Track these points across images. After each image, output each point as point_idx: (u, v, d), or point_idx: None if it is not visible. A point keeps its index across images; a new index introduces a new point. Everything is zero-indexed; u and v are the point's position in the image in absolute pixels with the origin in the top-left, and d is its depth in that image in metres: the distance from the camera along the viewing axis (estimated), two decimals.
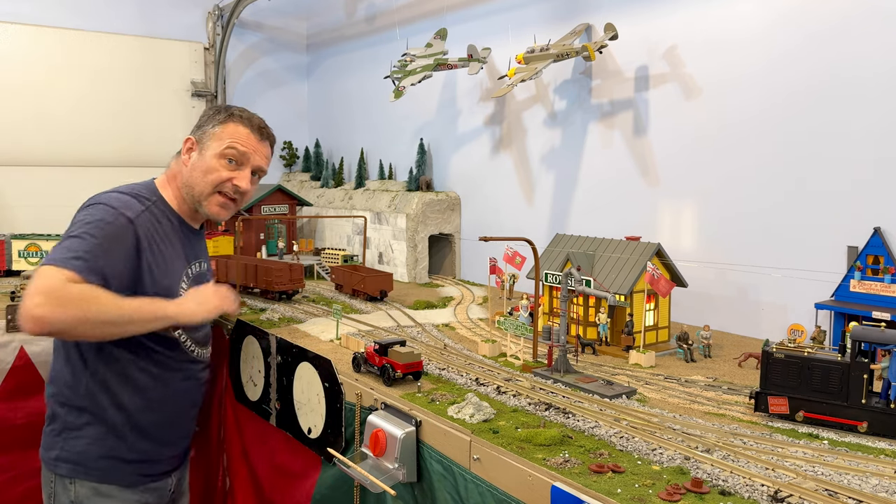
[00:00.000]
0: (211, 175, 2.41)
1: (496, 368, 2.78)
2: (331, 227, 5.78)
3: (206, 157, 2.41)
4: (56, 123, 5.73)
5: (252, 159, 2.47)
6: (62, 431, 2.38)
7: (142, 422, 2.42)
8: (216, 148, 2.41)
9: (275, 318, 3.64)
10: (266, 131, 2.55)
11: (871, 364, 2.04)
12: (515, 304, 3.69)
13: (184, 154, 2.48)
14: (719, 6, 3.45)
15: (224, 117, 2.46)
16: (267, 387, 3.12)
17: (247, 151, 2.45)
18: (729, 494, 1.69)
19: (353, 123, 6.37)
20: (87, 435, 2.36)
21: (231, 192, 2.45)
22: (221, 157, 2.41)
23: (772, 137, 3.27)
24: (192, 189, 2.43)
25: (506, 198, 4.72)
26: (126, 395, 2.37)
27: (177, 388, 2.52)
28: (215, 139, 2.42)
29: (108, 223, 2.18)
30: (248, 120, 2.49)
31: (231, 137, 2.42)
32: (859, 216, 2.95)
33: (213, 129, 2.44)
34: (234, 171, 2.44)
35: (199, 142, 2.45)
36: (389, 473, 2.26)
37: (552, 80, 4.32)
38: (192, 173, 2.43)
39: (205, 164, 2.41)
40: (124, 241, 2.20)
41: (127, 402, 2.38)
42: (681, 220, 3.69)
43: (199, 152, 2.44)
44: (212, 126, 2.45)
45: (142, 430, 2.43)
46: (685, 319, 3.37)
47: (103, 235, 2.15)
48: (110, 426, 2.38)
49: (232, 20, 6.29)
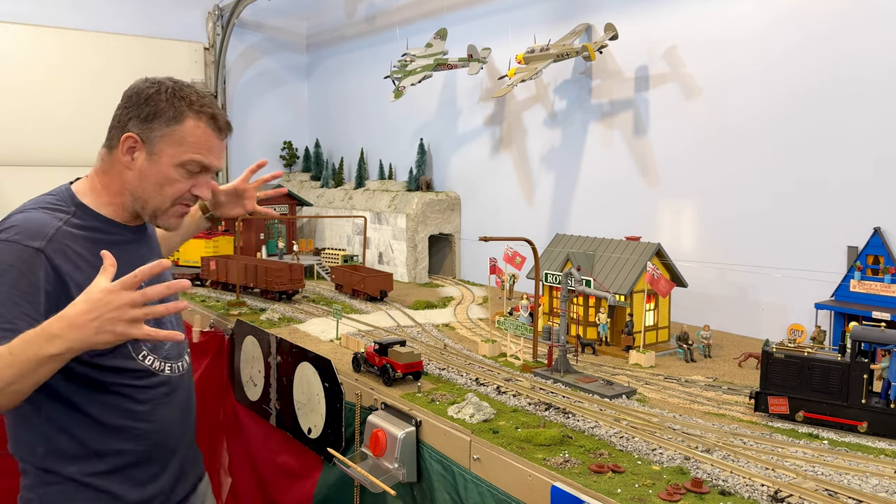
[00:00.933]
0: (169, 188, 1.99)
1: (496, 368, 2.78)
2: (331, 227, 5.78)
3: (161, 167, 1.96)
4: (56, 123, 5.74)
5: (213, 165, 2.05)
6: (34, 487, 1.95)
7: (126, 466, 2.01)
8: (174, 156, 1.96)
9: (275, 318, 3.64)
10: (228, 126, 2.09)
11: (871, 364, 2.04)
12: (515, 304, 3.69)
13: (123, 154, 1.95)
14: (719, 6, 3.45)
15: (178, 112, 1.95)
16: (267, 387, 3.12)
17: (210, 162, 2.02)
18: (729, 494, 1.69)
19: (353, 123, 6.37)
20: (65, 491, 1.94)
21: (191, 201, 2.07)
22: (180, 167, 1.97)
23: (772, 137, 3.27)
24: (145, 202, 2.00)
25: (506, 198, 4.72)
26: (97, 440, 1.95)
27: (161, 416, 2.07)
28: (171, 143, 1.95)
29: (7, 265, 1.75)
30: (210, 117, 2.00)
31: (192, 144, 1.97)
32: (859, 216, 2.95)
33: (167, 129, 1.95)
34: (194, 179, 2.02)
35: (147, 141, 1.94)
36: (389, 473, 2.26)
37: (552, 80, 4.32)
38: (142, 183, 1.97)
39: (159, 175, 1.97)
40: (32, 280, 1.76)
41: (101, 449, 1.96)
42: (681, 220, 3.69)
43: (147, 156, 1.95)
44: (165, 124, 1.94)
45: (130, 476, 2.02)
46: (685, 319, 3.37)
47: (5, 283, 1.73)
48: (89, 482, 1.95)
49: (232, 20, 6.29)
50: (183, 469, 2.21)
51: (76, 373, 1.86)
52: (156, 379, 2.05)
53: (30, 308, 1.74)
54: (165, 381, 2.09)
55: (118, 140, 1.96)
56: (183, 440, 2.21)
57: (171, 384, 2.11)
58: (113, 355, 1.92)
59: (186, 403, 2.22)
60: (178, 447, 2.17)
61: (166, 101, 1.95)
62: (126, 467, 2.00)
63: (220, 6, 6.42)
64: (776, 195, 3.27)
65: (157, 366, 2.06)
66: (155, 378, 2.05)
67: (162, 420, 2.07)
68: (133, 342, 1.96)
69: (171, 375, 2.11)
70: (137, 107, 1.95)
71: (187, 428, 2.25)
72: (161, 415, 2.07)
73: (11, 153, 5.61)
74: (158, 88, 1.96)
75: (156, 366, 2.05)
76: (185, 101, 1.96)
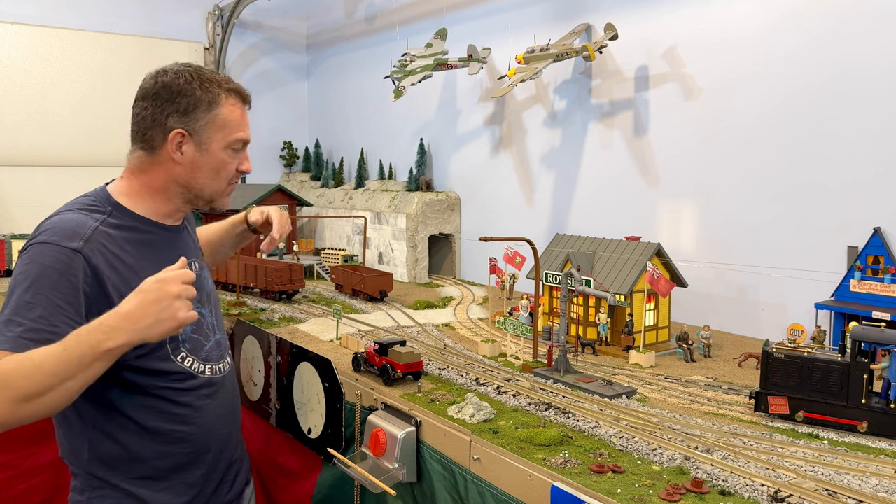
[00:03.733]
0: (223, 172, 2.05)
1: (496, 368, 2.78)
2: (331, 227, 5.77)
3: (213, 153, 2.00)
4: (56, 123, 5.74)
5: (249, 137, 2.12)
6: (83, 491, 1.98)
7: (169, 470, 2.00)
8: (222, 140, 2.00)
9: (275, 318, 3.64)
10: (250, 99, 2.13)
11: (871, 364, 2.04)
12: (515, 304, 3.69)
13: (172, 151, 1.97)
14: (719, 6, 3.45)
15: (215, 97, 1.99)
16: (267, 387, 3.12)
17: (249, 136, 2.10)
18: (729, 494, 1.69)
19: (353, 123, 6.37)
20: (110, 496, 1.96)
21: (238, 178, 2.13)
22: (228, 148, 2.03)
23: (772, 137, 3.27)
24: (202, 189, 2.04)
25: (506, 198, 4.72)
26: (139, 443, 1.95)
27: (203, 419, 2.05)
28: (216, 128, 1.99)
29: (46, 267, 1.75)
30: (237, 93, 2.06)
31: (234, 123, 2.02)
32: (859, 216, 2.95)
33: (209, 115, 1.98)
34: (238, 157, 2.09)
35: (193, 133, 1.97)
36: (389, 473, 2.26)
37: (552, 80, 4.32)
38: (196, 174, 2.01)
39: (214, 161, 2.01)
40: (72, 282, 1.76)
41: (143, 453, 1.96)
42: (681, 220, 3.69)
43: (196, 146, 1.98)
44: (206, 111, 1.98)
45: (174, 480, 2.02)
46: (685, 319, 3.36)
47: (45, 287, 1.73)
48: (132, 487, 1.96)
49: (232, 20, 6.29)
50: (228, 473, 2.18)
51: (116, 377, 1.85)
52: (196, 381, 2.03)
53: (70, 310, 1.74)
54: (206, 383, 2.06)
55: (161, 139, 1.96)
56: (228, 443, 2.18)
57: (213, 386, 2.09)
58: (151, 357, 1.91)
59: (231, 405, 2.19)
60: (224, 450, 2.15)
61: (200, 88, 1.96)
62: (169, 471, 1.99)
63: (220, 6, 6.42)
64: (776, 195, 3.27)
65: (197, 367, 2.04)
66: (195, 380, 2.03)
67: (204, 423, 2.05)
68: (173, 344, 1.97)
69: (213, 377, 2.09)
70: (172, 101, 1.95)
71: (233, 430, 2.22)
72: (203, 417, 2.04)
73: (11, 153, 5.61)
74: (187, 78, 1.97)
75: (195, 367, 2.03)
76: (215, 84, 1.99)
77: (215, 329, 2.16)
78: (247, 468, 2.36)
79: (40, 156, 5.70)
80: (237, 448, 2.27)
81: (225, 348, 2.22)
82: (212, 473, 2.10)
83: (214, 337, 2.14)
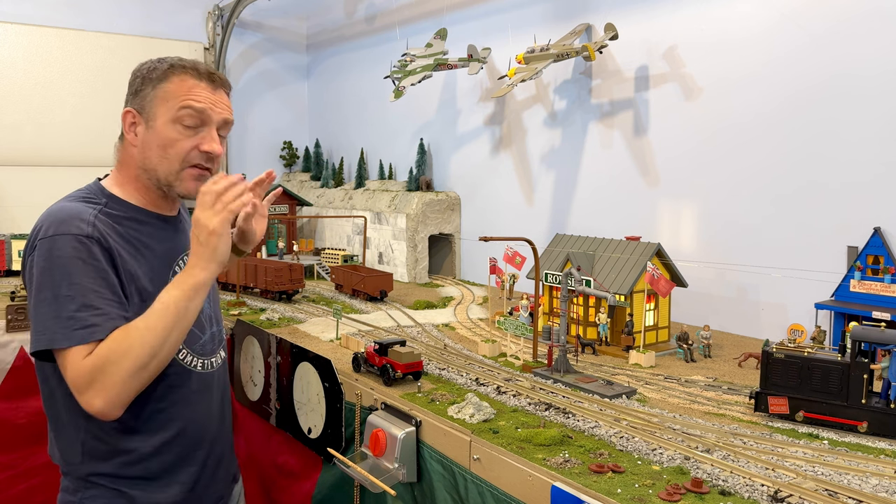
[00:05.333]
0: (171, 149, 1.92)
1: (496, 368, 2.78)
2: (331, 227, 5.77)
3: (158, 128, 1.91)
4: (56, 123, 5.74)
5: (213, 114, 1.95)
6: (75, 491, 1.96)
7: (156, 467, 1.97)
8: (166, 113, 1.90)
9: (275, 318, 3.64)
10: (217, 76, 2.01)
11: (871, 364, 2.04)
12: (515, 304, 3.69)
13: (127, 133, 1.95)
14: (719, 6, 3.45)
15: (162, 72, 1.92)
16: (267, 387, 3.12)
17: (204, 107, 1.92)
18: (729, 494, 1.69)
19: (353, 123, 6.37)
20: (100, 494, 1.93)
21: (203, 160, 1.96)
22: (176, 123, 1.91)
23: (772, 137, 3.27)
24: (155, 171, 1.94)
25: (506, 198, 4.72)
26: (124, 440, 1.93)
27: (190, 414, 2.02)
28: (160, 101, 1.91)
29: (68, 259, 1.76)
30: (192, 69, 1.96)
31: (180, 95, 1.92)
32: (859, 216, 2.95)
33: (154, 91, 1.91)
34: (197, 136, 1.94)
35: (142, 111, 1.92)
36: (389, 473, 2.26)
37: (552, 80, 4.32)
38: (146, 152, 1.93)
39: (159, 137, 1.91)
40: (96, 265, 1.79)
41: (128, 448, 1.94)
42: (681, 220, 3.69)
43: (144, 125, 1.92)
44: (151, 88, 1.92)
45: (160, 476, 1.98)
46: (685, 319, 3.37)
47: (76, 276, 1.75)
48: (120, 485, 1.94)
49: (232, 20, 6.29)
50: (217, 470, 2.14)
51: None
52: (187, 376, 2.01)
53: (108, 292, 1.78)
54: (198, 378, 2.04)
55: (122, 124, 1.98)
56: (218, 439, 2.14)
57: (204, 381, 2.06)
58: None
59: (220, 401, 2.16)
60: (214, 447, 2.12)
61: (149, 69, 1.95)
62: (160, 470, 1.97)
63: (220, 6, 6.42)
64: (776, 195, 3.27)
65: (190, 361, 2.02)
66: (187, 375, 2.01)
67: (195, 419, 2.03)
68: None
69: (203, 371, 2.06)
70: (130, 86, 1.98)
71: (222, 427, 2.18)
72: (190, 413, 2.02)
73: (11, 153, 5.61)
74: (144, 63, 1.98)
75: (188, 361, 2.01)
76: (167, 63, 1.95)
77: (213, 321, 2.14)
78: (236, 464, 2.33)
79: (40, 156, 5.70)
80: (227, 444, 2.24)
81: (219, 342, 2.18)
82: (203, 471, 2.07)
83: (210, 329, 2.12)
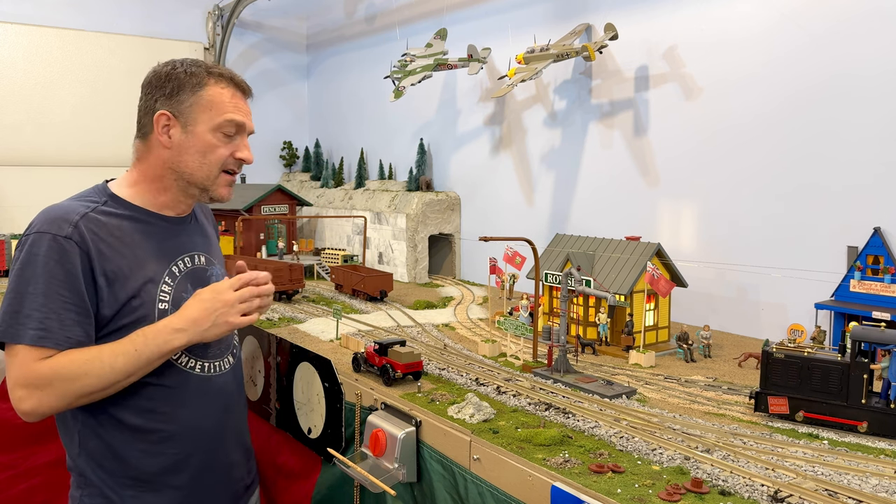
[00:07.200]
0: (212, 155, 1.99)
1: (496, 368, 2.78)
2: (331, 227, 5.77)
3: (199, 135, 1.97)
4: (56, 123, 5.74)
5: (248, 125, 2.07)
6: (79, 487, 1.99)
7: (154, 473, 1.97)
8: (208, 121, 1.98)
9: (275, 318, 3.64)
10: (247, 87, 2.12)
11: (871, 364, 2.04)
12: (515, 304, 3.69)
13: (159, 134, 1.98)
14: (719, 6, 3.45)
15: (201, 79, 1.99)
16: (267, 387, 3.12)
17: (244, 120, 2.04)
18: (729, 494, 1.69)
19: (353, 123, 6.37)
20: (100, 493, 1.95)
21: (236, 166, 2.07)
22: (217, 131, 1.99)
23: (772, 137, 3.27)
24: (192, 175, 2.01)
25: (506, 198, 4.72)
26: (123, 442, 1.93)
27: (191, 418, 2.01)
28: (202, 109, 1.97)
29: (42, 257, 1.79)
30: (229, 78, 2.04)
31: (222, 105, 2.00)
32: (859, 216, 2.95)
33: (194, 97, 1.98)
34: (232, 143, 2.03)
35: (179, 115, 1.97)
36: (389, 473, 2.26)
37: (552, 80, 4.32)
38: (183, 157, 1.98)
39: (199, 143, 1.98)
40: (72, 267, 1.81)
41: (127, 452, 1.94)
42: (681, 220, 3.69)
43: (182, 129, 1.97)
44: (190, 92, 1.98)
45: (160, 481, 1.98)
46: (685, 319, 3.36)
47: (44, 276, 1.78)
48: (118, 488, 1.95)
49: (232, 20, 6.29)
50: (217, 478, 2.10)
51: None
52: (186, 378, 1.99)
53: (72, 297, 1.81)
54: (199, 381, 2.02)
55: (150, 124, 1.99)
56: (219, 447, 2.09)
57: (206, 384, 2.05)
58: None
59: (222, 407, 2.11)
60: (211, 454, 2.07)
61: (185, 72, 1.99)
62: (154, 473, 1.95)
63: (220, 6, 6.42)
64: (776, 195, 3.27)
65: (191, 364, 2.02)
66: (185, 377, 1.99)
67: (193, 422, 2.00)
68: None
69: (203, 375, 2.05)
70: (160, 87, 1.99)
71: (225, 434, 2.12)
72: (185, 416, 1.99)
73: (11, 153, 5.61)
74: (174, 65, 2.01)
75: (187, 364, 2.01)
76: (202, 68, 2.01)
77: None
78: (252, 473, 2.30)
79: (40, 156, 5.70)
80: (237, 451, 2.19)
81: (226, 347, 2.17)
82: (201, 477, 2.04)
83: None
